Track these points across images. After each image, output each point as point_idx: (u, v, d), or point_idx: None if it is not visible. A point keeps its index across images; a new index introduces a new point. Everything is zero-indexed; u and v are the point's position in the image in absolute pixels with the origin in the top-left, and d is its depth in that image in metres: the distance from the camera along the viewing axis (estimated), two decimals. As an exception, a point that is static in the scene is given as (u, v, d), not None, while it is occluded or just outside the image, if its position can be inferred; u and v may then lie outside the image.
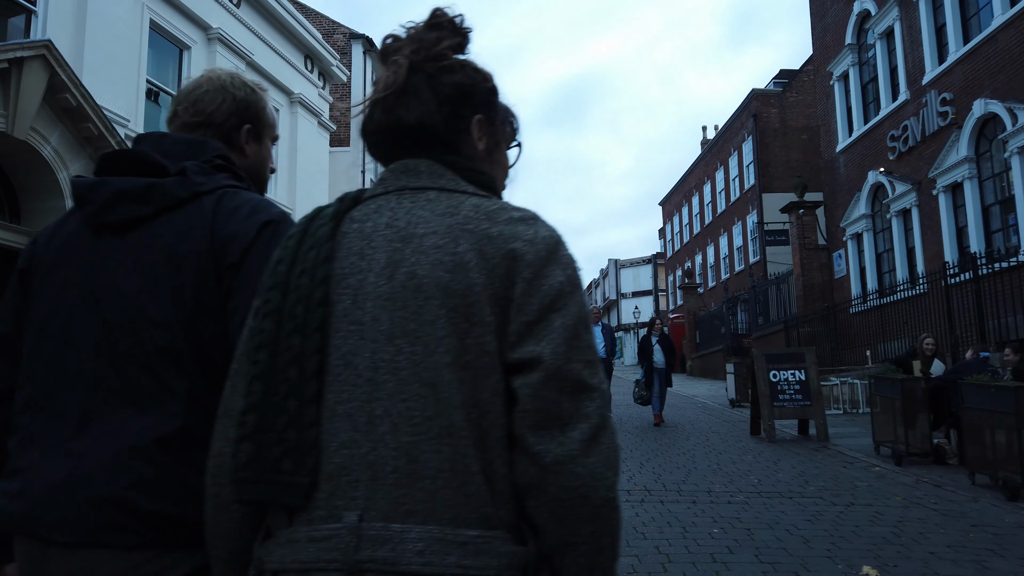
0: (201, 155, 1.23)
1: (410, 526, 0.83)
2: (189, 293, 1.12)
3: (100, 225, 1.18)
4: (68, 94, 9.44)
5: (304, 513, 0.87)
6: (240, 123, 1.36)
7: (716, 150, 32.41)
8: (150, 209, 1.15)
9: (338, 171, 18.96)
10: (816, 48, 20.43)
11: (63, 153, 9.67)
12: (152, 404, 1.09)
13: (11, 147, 9.16)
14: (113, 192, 1.17)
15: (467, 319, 0.88)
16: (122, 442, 1.08)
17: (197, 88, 1.34)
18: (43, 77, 9.10)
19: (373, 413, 0.87)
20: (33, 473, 1.10)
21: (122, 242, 1.16)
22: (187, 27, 12.62)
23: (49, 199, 9.70)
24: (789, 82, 28.41)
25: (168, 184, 1.17)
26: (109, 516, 1.05)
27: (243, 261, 1.13)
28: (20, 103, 8.89)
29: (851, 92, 18.14)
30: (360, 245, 0.95)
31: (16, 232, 9.45)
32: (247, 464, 0.89)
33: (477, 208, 0.95)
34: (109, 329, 1.13)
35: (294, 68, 15.96)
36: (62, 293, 1.18)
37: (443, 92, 1.01)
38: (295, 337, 0.91)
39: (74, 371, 1.13)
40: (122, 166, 1.21)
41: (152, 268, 1.13)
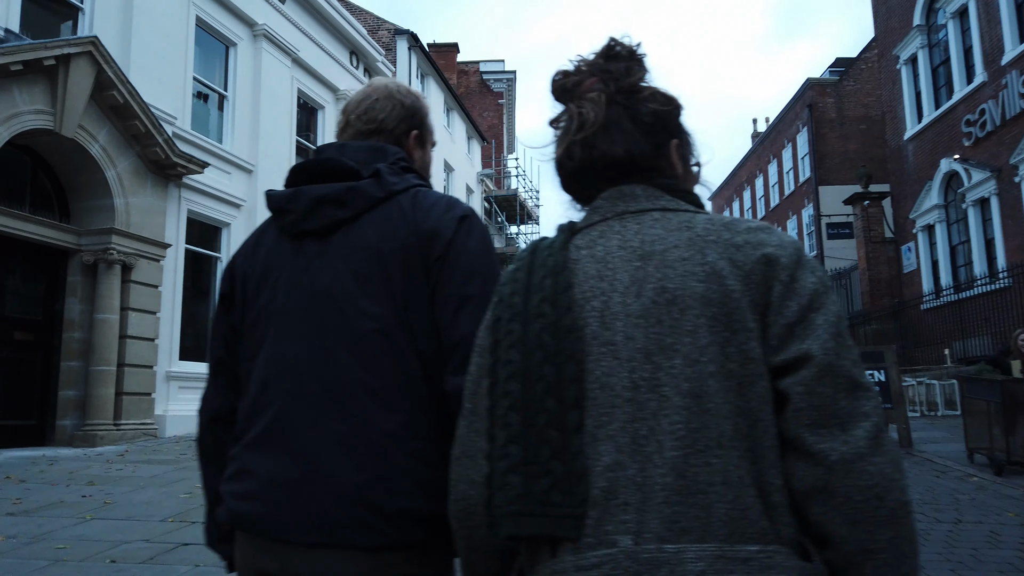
0: (383, 159, 1.27)
1: (685, 545, 0.80)
2: (399, 287, 1.15)
3: (301, 232, 1.22)
4: (115, 91, 9.31)
5: (569, 542, 0.85)
6: (408, 129, 1.40)
7: (768, 143, 31.52)
8: (350, 212, 1.19)
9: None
10: (879, 32, 19.44)
11: (111, 151, 9.55)
12: (376, 400, 1.12)
13: (59, 145, 9.07)
14: (312, 199, 1.21)
15: (728, 327, 0.88)
16: (354, 439, 1.10)
17: (367, 98, 1.39)
18: (90, 74, 8.98)
19: (637, 433, 0.86)
20: (265, 473, 1.12)
21: (326, 246, 1.20)
22: (233, 24, 12.48)
23: (97, 197, 9.60)
24: (846, 70, 27.42)
25: (364, 186, 1.20)
26: (352, 515, 1.06)
27: (448, 253, 1.16)
28: (68, 100, 8.78)
29: (920, 76, 17.17)
30: (597, 268, 0.96)
31: (66, 231, 9.37)
32: (517, 498, 0.87)
33: (711, 221, 0.96)
34: (326, 330, 1.16)
35: (339, 64, 15.77)
36: (274, 301, 1.22)
37: (644, 122, 1.03)
38: (547, 367, 0.90)
39: (294, 373, 1.16)
40: (315, 174, 1.25)
41: (362, 267, 1.17)
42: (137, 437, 9.51)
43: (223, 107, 12.45)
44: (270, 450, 1.14)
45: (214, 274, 11.90)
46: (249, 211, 12.40)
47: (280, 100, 13.46)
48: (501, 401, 0.91)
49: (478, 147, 27.84)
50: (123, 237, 9.55)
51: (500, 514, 0.88)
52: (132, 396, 9.61)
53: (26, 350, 9.06)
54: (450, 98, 23.86)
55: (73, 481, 6.34)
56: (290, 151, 13.79)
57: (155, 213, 10.24)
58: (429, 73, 21.75)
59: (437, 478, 1.05)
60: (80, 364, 9.32)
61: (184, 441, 9.40)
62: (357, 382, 1.12)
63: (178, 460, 7.53)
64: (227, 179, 12.02)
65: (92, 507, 5.31)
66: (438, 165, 22.41)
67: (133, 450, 8.57)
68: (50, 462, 7.44)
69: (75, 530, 4.69)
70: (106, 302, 9.38)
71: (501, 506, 0.88)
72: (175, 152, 10.20)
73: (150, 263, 10.06)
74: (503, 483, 0.88)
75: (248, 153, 12.54)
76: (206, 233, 11.80)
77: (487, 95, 33.19)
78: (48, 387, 9.26)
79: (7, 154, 8.64)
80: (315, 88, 14.96)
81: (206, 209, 11.51)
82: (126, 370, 9.52)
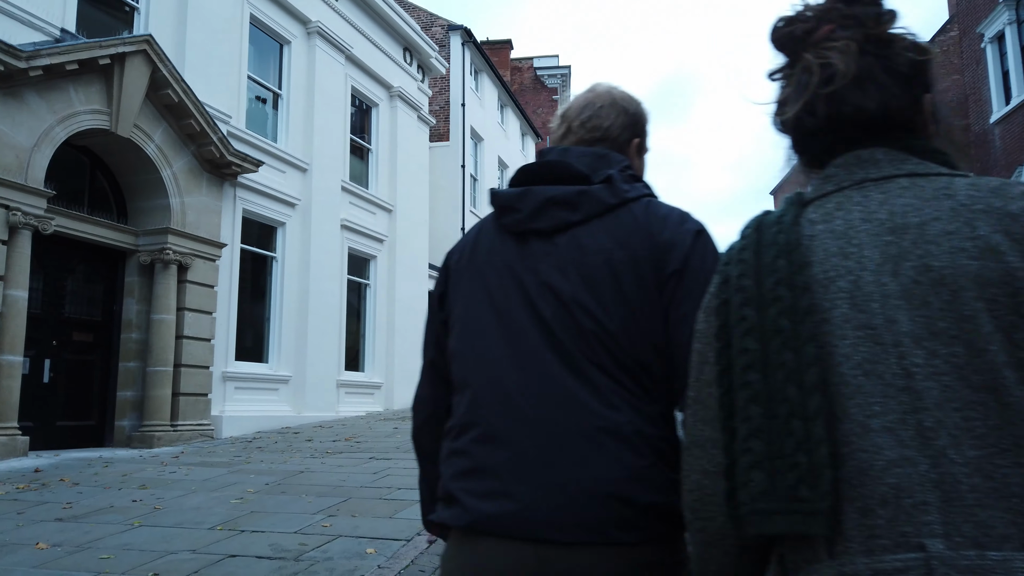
0: (608, 166, 1.25)
1: (1011, 553, 0.72)
2: (630, 297, 1.14)
3: (526, 231, 1.22)
4: (170, 90, 9.25)
5: (854, 543, 0.78)
6: (631, 137, 1.37)
7: (835, 133, 30.18)
8: (580, 215, 1.19)
9: (437, 167, 18.52)
10: (960, 10, 18.25)
11: (166, 150, 9.50)
12: (615, 400, 1.11)
13: (116, 145, 9.05)
14: (542, 200, 1.21)
15: (1015, 311, 0.77)
16: (601, 436, 1.09)
17: (590, 105, 1.37)
18: (145, 73, 8.93)
19: (922, 425, 0.78)
20: (509, 471, 1.11)
21: (551, 246, 1.20)
22: (287, 21, 12.39)
23: (154, 197, 9.57)
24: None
25: (596, 191, 1.20)
26: (610, 511, 1.05)
27: (685, 268, 1.15)
28: (123, 100, 8.74)
29: (1007, 55, 15.99)
30: (838, 245, 0.88)
31: (124, 231, 9.35)
32: (761, 494, 0.83)
33: (975, 186, 0.85)
34: (551, 328, 1.16)
35: (393, 61, 15.59)
36: (493, 297, 1.22)
37: (901, 73, 0.94)
38: (785, 353, 0.85)
39: (520, 369, 1.15)
40: (544, 175, 1.25)
41: (590, 271, 1.16)
42: (193, 438, 9.43)
43: (277, 105, 12.37)
44: (511, 447, 1.12)
45: (270, 274, 11.82)
46: (304, 210, 12.29)
47: (334, 98, 13.33)
48: (740, 392, 0.86)
49: (532, 144, 27.45)
50: (179, 237, 9.49)
51: (746, 512, 0.85)
52: (188, 397, 9.54)
53: (85, 351, 9.07)
54: (504, 94, 23.53)
55: (125, 484, 6.20)
56: (344, 149, 13.66)
57: (210, 212, 10.17)
58: (483, 69, 21.46)
59: (677, 478, 1.05)
60: (138, 365, 9.29)
61: (239, 442, 9.28)
62: (591, 383, 1.12)
63: (231, 463, 7.36)
64: (282, 178, 11.92)
65: (141, 512, 5.11)
66: (492, 162, 22.13)
67: (188, 452, 8.46)
68: (105, 464, 7.35)
69: (121, 538, 4.47)
70: (162, 302, 9.33)
71: (746, 503, 0.85)
72: (230, 151, 10.11)
73: (206, 263, 9.99)
74: (746, 480, 0.84)
75: (303, 151, 12.43)
76: (262, 233, 11.72)
77: (541, 91, 32.76)
78: (107, 388, 9.26)
79: (66, 155, 8.65)
80: (369, 85, 14.80)
81: (261, 208, 11.42)
82: (182, 370, 9.45)
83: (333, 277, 12.94)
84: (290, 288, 11.88)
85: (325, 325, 12.48)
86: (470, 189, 19.92)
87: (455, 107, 19.40)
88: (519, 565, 1.07)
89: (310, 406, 11.89)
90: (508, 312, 1.19)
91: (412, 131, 16.28)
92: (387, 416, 12.76)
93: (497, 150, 22.59)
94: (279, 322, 11.65)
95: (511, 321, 1.18)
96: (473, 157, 20.60)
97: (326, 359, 12.45)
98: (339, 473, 6.59)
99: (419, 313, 16.10)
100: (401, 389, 14.84)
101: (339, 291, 13.14)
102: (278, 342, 11.58)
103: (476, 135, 20.73)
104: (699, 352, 0.94)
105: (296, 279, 12.03)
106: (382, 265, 14.87)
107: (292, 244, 12.03)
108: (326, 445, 8.69)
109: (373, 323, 14.50)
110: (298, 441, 9.22)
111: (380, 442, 8.89)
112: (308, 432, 10.29)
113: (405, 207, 15.67)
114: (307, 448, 8.46)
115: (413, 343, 15.60)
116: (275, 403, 11.34)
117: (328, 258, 12.79)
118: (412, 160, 16.23)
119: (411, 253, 15.86)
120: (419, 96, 16.76)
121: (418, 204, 16.44)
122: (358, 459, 7.46)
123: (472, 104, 20.17)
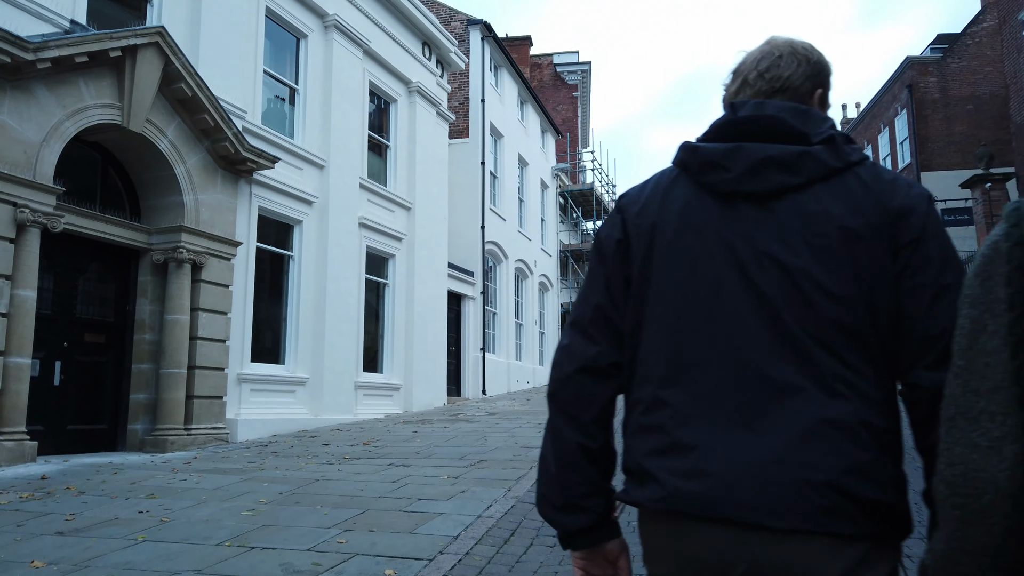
0: (815, 124, 1.16)
1: None
2: (866, 269, 1.07)
3: (735, 193, 1.14)
4: (183, 84, 8.99)
5: None
6: (813, 88, 1.27)
7: (862, 128, 29.58)
8: (800, 179, 1.11)
9: (456, 164, 18.19)
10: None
11: (179, 146, 9.24)
12: (839, 385, 1.05)
13: (128, 141, 8.79)
14: (759, 159, 1.12)
15: None
16: (825, 424, 1.03)
17: (767, 55, 1.27)
18: (157, 66, 8.67)
19: None
20: (715, 451, 1.05)
21: (766, 212, 1.12)
22: (304, 15, 12.11)
23: (167, 195, 9.31)
24: (950, 47, 25.34)
25: (818, 153, 1.12)
26: (830, 502, 1.00)
27: (923, 236, 1.08)
28: (135, 93, 8.48)
29: (1049, 42, 15.36)
30: None
31: (137, 230, 9.10)
32: None
33: None
34: (772, 304, 1.08)
35: (411, 56, 15.27)
36: (698, 264, 1.13)
37: None
38: None
39: (728, 344, 1.09)
40: (755, 132, 1.15)
41: (821, 240, 1.08)
42: (208, 442, 9.16)
43: (294, 101, 12.09)
44: (710, 426, 1.07)
45: (287, 273, 11.54)
46: (321, 208, 12.00)
47: (352, 93, 13.03)
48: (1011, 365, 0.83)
49: (552, 141, 27.04)
50: (193, 235, 9.22)
51: None
52: (203, 400, 9.27)
53: (97, 353, 8.82)
54: (524, 90, 23.16)
55: (133, 493, 5.90)
56: (362, 146, 13.35)
57: (225, 210, 9.89)
58: (502, 64, 21.10)
59: (900, 473, 1.05)
60: (151, 367, 9.03)
61: (255, 447, 8.99)
62: (816, 364, 1.05)
63: (245, 469, 7.05)
64: (299, 175, 11.63)
65: (147, 525, 4.80)
66: (512, 159, 21.77)
67: (202, 457, 8.18)
68: (115, 471, 7.08)
69: (123, 555, 4.16)
70: (176, 302, 9.06)
71: None
72: (245, 146, 9.83)
73: (221, 262, 9.72)
74: None
75: (320, 148, 12.14)
76: (278, 231, 11.44)
77: (561, 88, 32.34)
78: (119, 391, 9.01)
79: (77, 151, 8.41)
80: (387, 80, 14.50)
81: (277, 206, 11.14)
82: (196, 372, 9.18)
83: (351, 276, 12.64)
84: (307, 288, 11.59)
85: (343, 325, 12.18)
86: (490, 187, 19.57)
87: (474, 103, 19.05)
88: (728, 549, 1.02)
89: (327, 408, 11.59)
90: (718, 283, 1.11)
91: (431, 127, 15.96)
92: (406, 419, 12.44)
93: (517, 147, 22.21)
94: (296, 322, 11.36)
95: (722, 293, 1.10)
96: (493, 154, 20.24)
97: (344, 360, 12.15)
98: (356, 482, 6.26)
99: (439, 313, 15.78)
100: (420, 391, 14.51)
101: (357, 290, 12.84)
102: (295, 343, 11.30)
103: (496, 131, 20.37)
104: (974, 319, 0.89)
105: (313, 278, 11.74)
106: (401, 264, 14.56)
107: (309, 242, 11.73)
108: (343, 450, 8.37)
109: (392, 323, 14.19)
110: (315, 445, 8.92)
111: (399, 447, 8.56)
112: (325, 435, 9.99)
113: (424, 205, 15.35)
114: (324, 453, 8.15)
115: (432, 343, 15.28)
116: (292, 405, 11.06)
117: (346, 257, 12.49)
118: (431, 157, 15.91)
119: (430, 251, 15.54)
120: (438, 92, 16.43)
121: (437, 202, 16.11)
122: (376, 466, 7.13)
123: (492, 100, 19.81)
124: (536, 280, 23.64)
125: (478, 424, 10.90)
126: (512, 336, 21.06)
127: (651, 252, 1.17)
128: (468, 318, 18.22)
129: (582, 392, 1.19)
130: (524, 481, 6.09)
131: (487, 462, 7.17)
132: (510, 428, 10.13)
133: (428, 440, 9.09)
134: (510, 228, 21.06)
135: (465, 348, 18.01)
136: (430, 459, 7.49)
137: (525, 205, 23.08)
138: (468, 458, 7.43)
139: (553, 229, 26.48)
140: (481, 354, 18.33)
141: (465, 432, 9.83)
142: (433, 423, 11.31)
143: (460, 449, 8.15)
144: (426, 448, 8.34)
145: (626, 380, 1.20)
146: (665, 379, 1.12)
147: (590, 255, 1.28)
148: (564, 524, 1.21)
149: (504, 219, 20.49)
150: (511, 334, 20.93)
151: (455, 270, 17.27)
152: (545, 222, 25.53)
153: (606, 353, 1.19)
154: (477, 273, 18.49)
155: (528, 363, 22.61)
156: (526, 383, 21.78)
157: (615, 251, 1.22)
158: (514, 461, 7.17)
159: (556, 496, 1.21)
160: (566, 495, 1.20)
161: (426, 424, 11.19)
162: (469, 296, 18.23)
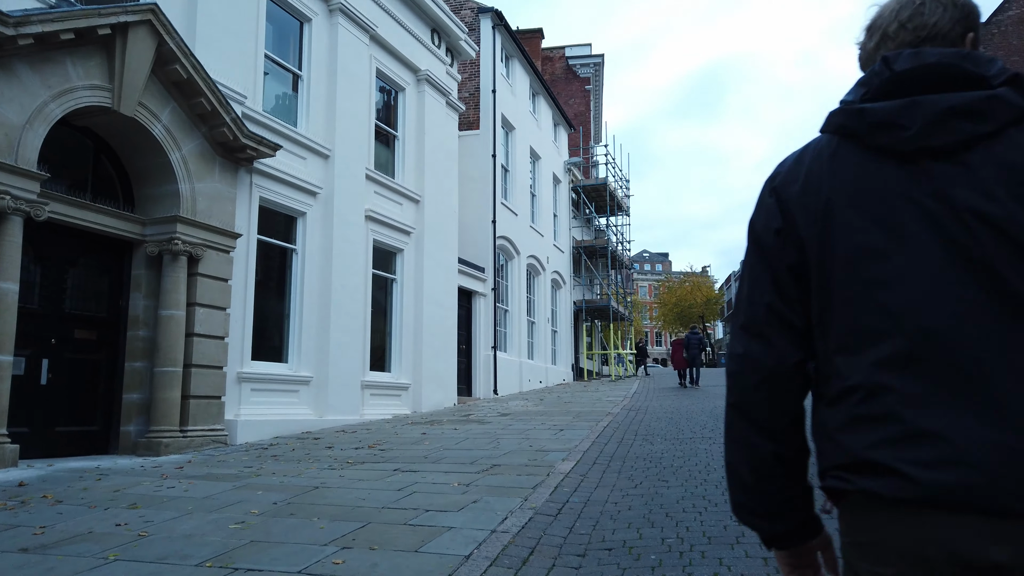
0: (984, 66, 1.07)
1: None
2: None
3: (916, 150, 1.06)
4: (178, 65, 8.49)
5: None
6: (964, 32, 1.17)
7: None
8: (991, 126, 1.03)
9: (467, 156, 17.64)
10: (1030, -20, 16.83)
11: (175, 131, 8.74)
12: None
13: (119, 125, 8.30)
14: (940, 110, 1.04)
15: None
16: None
17: (906, 5, 1.18)
18: (150, 45, 8.17)
19: None
20: (961, 438, 0.96)
21: (961, 167, 1.03)
22: (307, -2, 11.59)
23: (161, 183, 8.81)
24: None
25: (1005, 95, 1.03)
26: None
27: None
28: (126, 75, 7.99)
29: (1088, 25, 14.62)
30: None
31: (130, 220, 8.61)
32: None
33: None
34: (982, 263, 1.00)
35: (420, 43, 14.73)
36: (890, 234, 1.05)
37: None
38: None
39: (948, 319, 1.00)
40: (927, 82, 1.07)
41: None
42: (205, 444, 8.67)
43: (297, 87, 11.58)
44: (954, 408, 0.97)
45: (289, 267, 11.04)
46: (326, 199, 11.49)
47: (358, 80, 12.51)
48: None
49: (564, 134, 26.46)
50: (188, 226, 8.72)
51: None
52: (200, 400, 8.77)
53: (88, 350, 8.34)
54: (536, 82, 22.59)
55: (114, 503, 5.40)
56: (369, 135, 12.84)
57: (224, 200, 9.39)
58: (514, 54, 20.54)
59: None
60: (145, 365, 8.55)
61: (254, 449, 8.49)
62: None
63: (239, 475, 6.54)
64: (302, 164, 11.12)
65: (122, 541, 4.29)
66: (523, 152, 21.20)
67: (196, 461, 7.67)
68: (99, 476, 6.58)
69: (89, 577, 3.65)
70: (171, 297, 8.57)
71: None
72: (244, 132, 9.33)
73: (219, 254, 9.22)
74: None
75: (324, 137, 11.63)
76: (281, 223, 10.94)
77: (573, 81, 31.74)
78: (111, 390, 8.53)
79: (67, 137, 7.94)
80: (395, 68, 13.97)
81: (279, 196, 10.64)
82: (193, 371, 8.69)
83: (357, 271, 12.12)
84: (311, 282, 11.08)
85: (348, 322, 11.67)
86: (501, 180, 19.02)
87: (485, 94, 18.49)
88: (983, 541, 0.94)
89: (332, 409, 11.08)
90: (918, 250, 1.02)
91: (440, 117, 15.42)
92: (415, 420, 11.91)
93: (529, 140, 21.65)
94: (299, 319, 10.85)
95: (925, 260, 1.01)
96: (504, 146, 19.69)
97: (350, 359, 11.64)
98: (358, 490, 5.73)
99: (449, 309, 15.25)
100: (429, 390, 13.99)
101: (363, 286, 12.33)
102: (298, 340, 10.79)
103: (507, 123, 19.81)
104: None
105: (317, 273, 11.23)
106: (409, 258, 14.03)
107: (313, 235, 11.23)
108: (347, 453, 7.85)
109: (400, 320, 13.66)
110: (317, 448, 8.40)
111: (406, 450, 8.03)
112: (329, 437, 9.47)
113: (433, 197, 14.81)
114: (326, 457, 7.63)
115: (442, 341, 14.74)
116: (295, 406, 10.55)
117: (352, 250, 11.97)
118: (441, 148, 15.37)
119: (440, 246, 15.01)
120: (448, 81, 15.89)
121: (447, 194, 15.58)
122: (381, 471, 6.60)
123: (503, 91, 19.25)
124: (548, 277, 23.07)
125: (490, 425, 10.35)
126: (524, 334, 20.50)
127: (829, 232, 1.09)
128: (479, 315, 17.67)
129: (773, 401, 1.13)
130: (541, 490, 5.54)
131: (500, 467, 6.63)
132: (523, 430, 9.58)
133: (437, 443, 8.55)
134: (522, 223, 20.50)
135: (476, 346, 17.47)
136: (439, 464, 6.95)
137: (537, 200, 22.52)
138: (480, 463, 6.89)
139: (565, 225, 25.90)
140: (492, 352, 17.78)
141: (476, 434, 9.29)
142: (443, 424, 10.77)
143: (471, 453, 7.61)
144: (435, 452, 7.80)
145: (819, 373, 1.11)
146: (882, 364, 1.02)
147: (746, 248, 1.21)
148: (766, 530, 1.18)
149: (516, 214, 19.94)
150: (523, 332, 20.37)
151: (465, 265, 16.73)
152: (557, 217, 24.96)
153: (789, 353, 1.13)
154: (488, 269, 17.94)
155: (540, 362, 22.04)
156: (538, 382, 21.21)
157: (776, 242, 1.15)
158: (529, 466, 6.62)
159: (756, 505, 1.18)
160: (766, 505, 1.16)
161: (435, 425, 10.66)
162: (480, 292, 17.68)
